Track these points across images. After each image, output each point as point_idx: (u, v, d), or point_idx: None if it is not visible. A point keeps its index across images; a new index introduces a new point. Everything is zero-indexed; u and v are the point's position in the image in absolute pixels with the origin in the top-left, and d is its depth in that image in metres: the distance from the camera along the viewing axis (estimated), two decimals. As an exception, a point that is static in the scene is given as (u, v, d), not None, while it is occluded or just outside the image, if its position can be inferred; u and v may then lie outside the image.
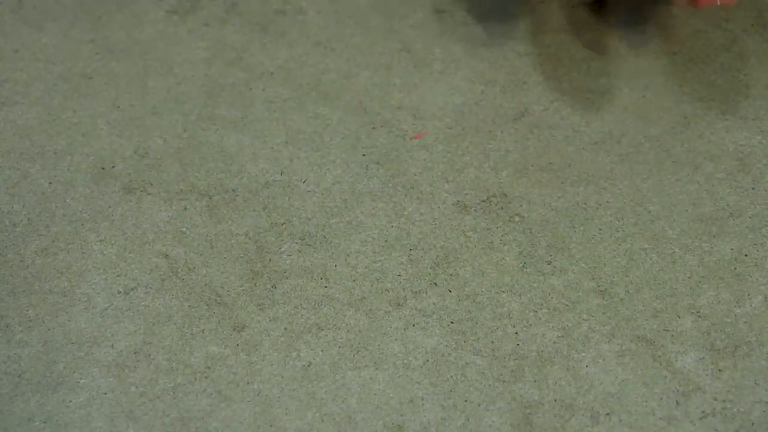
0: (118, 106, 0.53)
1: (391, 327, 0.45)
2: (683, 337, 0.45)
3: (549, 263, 0.47)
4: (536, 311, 0.46)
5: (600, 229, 0.49)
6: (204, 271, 0.47)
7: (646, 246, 0.48)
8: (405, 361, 0.44)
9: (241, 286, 0.46)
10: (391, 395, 0.43)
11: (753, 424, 0.42)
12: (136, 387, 0.43)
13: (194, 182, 0.50)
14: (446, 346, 0.44)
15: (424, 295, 0.46)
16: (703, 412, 0.43)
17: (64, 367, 0.44)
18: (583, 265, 0.47)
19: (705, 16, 0.58)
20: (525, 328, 0.45)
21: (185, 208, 0.49)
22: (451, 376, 0.44)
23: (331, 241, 0.48)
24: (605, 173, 0.51)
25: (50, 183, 0.50)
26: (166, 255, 0.48)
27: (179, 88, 0.54)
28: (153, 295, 0.46)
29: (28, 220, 0.49)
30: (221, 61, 0.56)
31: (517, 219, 0.49)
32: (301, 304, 0.46)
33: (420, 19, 0.57)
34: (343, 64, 0.56)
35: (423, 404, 0.43)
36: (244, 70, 0.55)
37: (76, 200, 0.50)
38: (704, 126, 0.53)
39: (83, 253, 0.48)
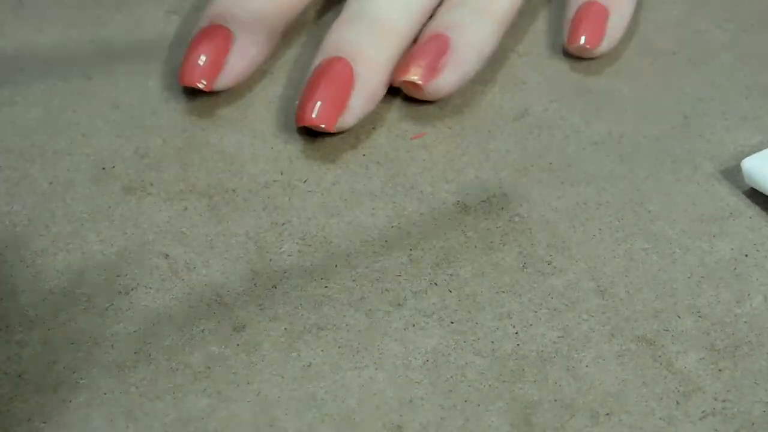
0: (118, 106, 0.53)
1: (391, 327, 0.45)
2: (683, 337, 0.45)
3: (549, 263, 0.47)
4: (536, 311, 0.46)
5: (600, 229, 0.49)
6: (204, 271, 0.47)
7: (646, 246, 0.48)
8: (405, 361, 0.44)
9: (241, 286, 0.46)
10: (390, 395, 0.43)
11: (753, 424, 0.42)
12: (136, 387, 0.43)
13: (194, 182, 0.50)
14: (446, 346, 0.44)
15: (424, 295, 0.46)
16: (703, 412, 0.43)
17: (64, 367, 0.44)
18: (583, 265, 0.47)
19: (705, 16, 0.58)
20: (525, 328, 0.45)
21: (185, 208, 0.49)
22: (451, 376, 0.44)
23: (331, 241, 0.48)
24: (605, 173, 0.51)
25: (50, 183, 0.50)
26: (166, 255, 0.48)
27: (179, 88, 0.54)
28: (153, 295, 0.46)
29: (28, 220, 0.49)
30: (221, 61, 0.56)
31: (517, 219, 0.49)
32: (301, 304, 0.46)
33: (420, 19, 0.57)
34: (343, 64, 0.56)
35: (423, 404, 0.43)
36: (244, 70, 0.55)
37: (76, 200, 0.50)
38: (704, 126, 0.53)
39: (83, 253, 0.47)
